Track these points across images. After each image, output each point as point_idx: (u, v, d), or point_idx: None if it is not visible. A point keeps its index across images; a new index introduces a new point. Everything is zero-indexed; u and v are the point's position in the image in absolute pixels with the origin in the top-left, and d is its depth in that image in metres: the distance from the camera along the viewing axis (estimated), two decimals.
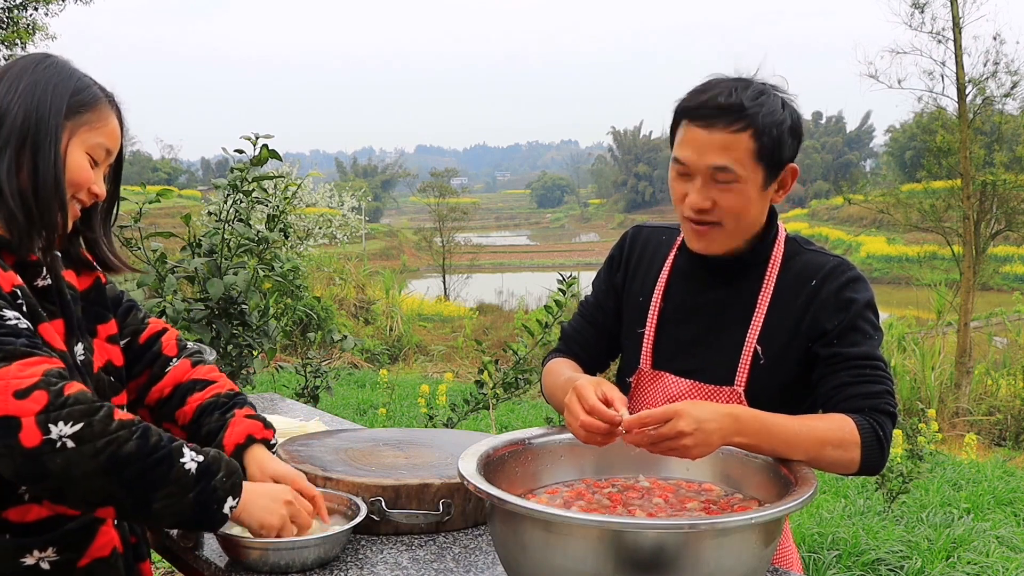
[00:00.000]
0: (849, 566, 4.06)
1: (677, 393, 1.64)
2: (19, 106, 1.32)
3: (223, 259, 3.61)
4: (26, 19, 12.20)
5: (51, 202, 1.33)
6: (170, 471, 1.25)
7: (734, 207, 1.53)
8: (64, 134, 1.34)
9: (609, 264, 1.81)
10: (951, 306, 12.64)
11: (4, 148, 1.31)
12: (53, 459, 1.16)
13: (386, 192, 68.83)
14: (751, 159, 1.50)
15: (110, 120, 1.40)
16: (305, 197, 19.48)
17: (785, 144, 1.52)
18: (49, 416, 1.16)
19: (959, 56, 11.15)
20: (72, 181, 1.36)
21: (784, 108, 1.53)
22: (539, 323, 4.38)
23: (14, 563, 1.28)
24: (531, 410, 8.64)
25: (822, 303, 1.56)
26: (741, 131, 1.48)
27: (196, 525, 1.33)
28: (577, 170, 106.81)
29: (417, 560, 1.47)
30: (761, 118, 1.49)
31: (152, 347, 1.59)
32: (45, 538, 1.31)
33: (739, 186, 1.51)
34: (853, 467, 1.45)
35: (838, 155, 66.97)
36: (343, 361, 11.88)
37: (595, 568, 1.15)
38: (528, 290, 21.41)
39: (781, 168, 1.55)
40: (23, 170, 1.31)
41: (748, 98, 1.49)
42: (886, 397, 1.49)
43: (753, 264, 1.62)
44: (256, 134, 3.62)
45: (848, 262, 1.61)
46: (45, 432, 1.15)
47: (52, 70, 1.37)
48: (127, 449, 1.21)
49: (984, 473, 6.29)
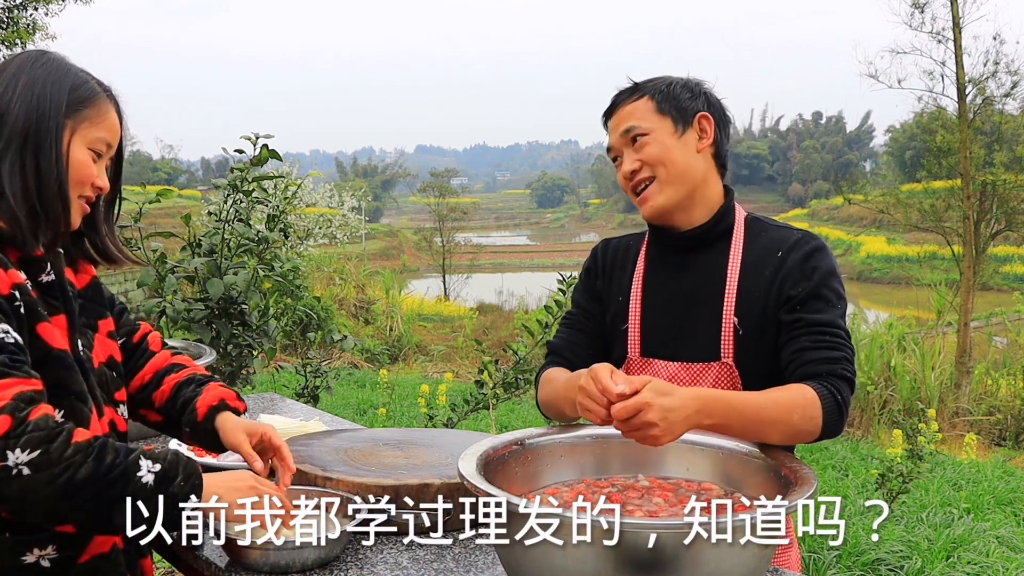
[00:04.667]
0: (849, 566, 4.06)
1: (667, 376, 1.68)
2: (19, 105, 1.31)
3: (223, 259, 3.61)
4: (26, 19, 12.20)
5: (55, 201, 1.33)
6: (127, 487, 1.24)
7: (656, 155, 1.67)
8: (65, 132, 1.34)
9: (587, 274, 1.88)
10: (951, 306, 12.63)
11: (6, 150, 1.30)
12: (9, 485, 1.16)
13: (386, 192, 68.82)
14: (652, 114, 1.68)
15: (109, 114, 1.40)
16: (305, 197, 19.47)
17: (681, 96, 1.68)
18: (8, 443, 1.15)
19: (959, 56, 11.14)
20: (76, 179, 1.36)
21: (681, 78, 1.72)
22: (539, 323, 4.39)
23: (14, 560, 1.29)
24: (531, 410, 8.63)
25: (788, 271, 1.63)
26: (638, 99, 1.70)
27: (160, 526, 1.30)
28: (577, 170, 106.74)
29: (417, 560, 1.47)
30: (651, 84, 1.70)
31: (142, 344, 1.65)
32: (44, 536, 1.31)
33: (650, 137, 1.67)
34: (816, 433, 1.50)
35: (838, 155, 66.89)
36: (343, 361, 11.87)
37: (595, 568, 1.15)
38: (528, 290, 21.39)
39: (690, 116, 1.69)
40: (26, 171, 1.31)
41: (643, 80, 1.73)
42: (843, 363, 1.54)
43: (716, 236, 1.71)
44: (256, 134, 3.63)
45: (812, 234, 1.70)
46: (2, 459, 1.14)
47: (49, 67, 1.36)
48: (82, 474, 1.20)
49: (984, 473, 6.29)
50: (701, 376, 1.66)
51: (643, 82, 1.72)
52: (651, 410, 1.32)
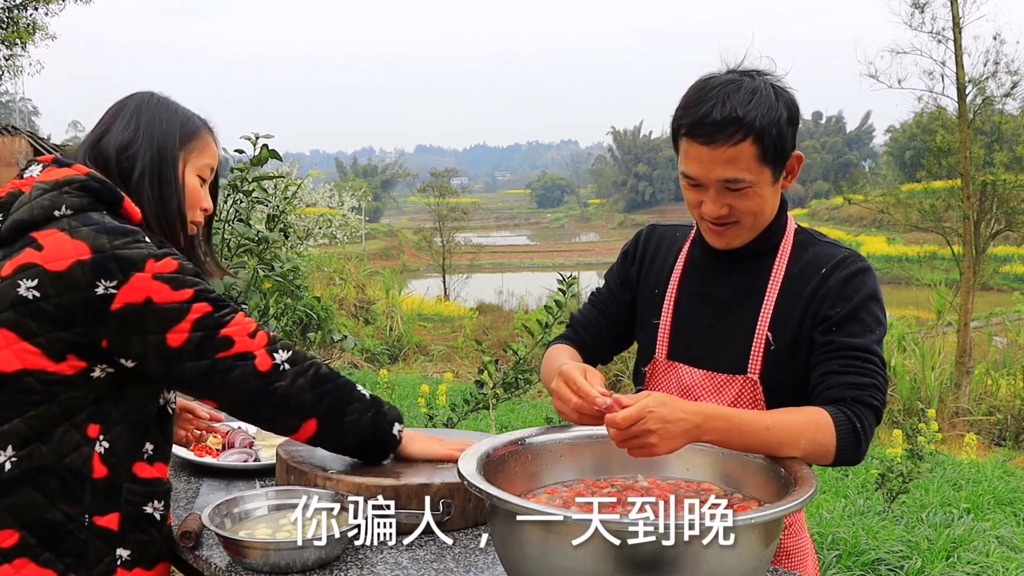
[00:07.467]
0: (849, 566, 4.06)
1: (690, 383, 1.65)
2: (145, 142, 1.55)
3: (223, 259, 3.61)
4: (26, 19, 12.21)
5: (176, 223, 1.57)
6: (353, 391, 1.58)
7: (751, 208, 1.57)
8: (180, 163, 1.58)
9: (623, 258, 1.83)
10: (951, 306, 12.64)
11: (140, 181, 1.54)
12: (281, 377, 1.48)
13: (386, 192, 68.80)
14: (757, 163, 1.52)
15: (211, 143, 1.64)
16: (305, 197, 19.47)
17: (786, 138, 1.54)
18: (274, 346, 1.49)
19: (959, 56, 11.15)
20: (190, 203, 1.59)
21: (778, 100, 1.53)
22: (539, 323, 4.38)
23: (138, 509, 1.50)
24: (531, 410, 8.64)
25: (828, 290, 1.57)
26: (742, 141, 1.49)
27: (373, 443, 1.62)
28: (577, 170, 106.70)
29: (417, 560, 1.47)
30: (759, 121, 1.49)
31: None
32: (157, 491, 1.53)
33: (752, 190, 1.55)
34: (828, 459, 1.46)
35: (838, 155, 66.96)
36: (343, 361, 11.88)
37: (595, 568, 1.15)
38: (528, 290, 21.40)
39: (786, 160, 1.57)
40: (153, 198, 1.54)
41: (741, 104, 1.49)
42: (871, 390, 1.48)
43: (764, 251, 1.64)
44: (256, 134, 3.63)
45: (859, 254, 1.62)
46: (273, 359, 1.48)
47: (163, 105, 1.60)
48: (323, 371, 1.54)
49: (984, 473, 6.29)
50: (724, 388, 1.62)
51: (748, 114, 1.49)
52: (651, 418, 1.31)
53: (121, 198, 1.49)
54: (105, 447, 1.45)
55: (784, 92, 1.55)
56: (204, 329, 1.44)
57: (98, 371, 1.43)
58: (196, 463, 1.95)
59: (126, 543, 1.47)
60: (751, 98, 1.50)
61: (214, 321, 1.45)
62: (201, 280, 1.47)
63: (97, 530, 1.44)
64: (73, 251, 1.40)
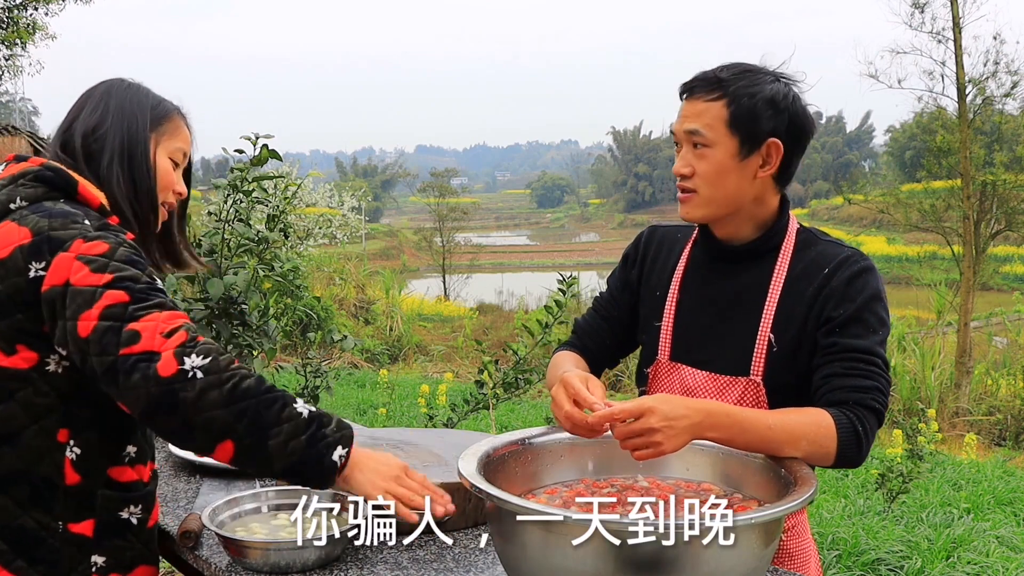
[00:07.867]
0: (849, 566, 4.06)
1: (693, 385, 1.65)
2: (114, 125, 1.52)
3: (223, 259, 3.61)
4: (26, 19, 12.21)
5: (147, 206, 1.54)
6: (283, 410, 1.33)
7: (708, 173, 1.56)
8: (151, 145, 1.54)
9: (624, 262, 1.83)
10: (951, 306, 12.64)
11: (111, 164, 1.50)
12: (186, 388, 1.27)
13: (386, 192, 68.76)
14: (722, 125, 1.54)
15: (183, 127, 1.61)
16: (305, 197, 19.46)
17: (761, 115, 1.53)
18: (186, 350, 1.29)
19: (959, 56, 11.14)
20: (161, 186, 1.55)
21: (771, 85, 1.54)
22: (539, 323, 4.38)
23: (114, 515, 1.46)
24: (531, 410, 8.64)
25: (831, 290, 1.55)
26: (715, 100, 1.54)
27: (305, 472, 1.36)
28: (577, 170, 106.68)
29: (417, 560, 1.47)
30: (735, 88, 1.53)
31: None
32: (135, 496, 1.48)
33: (711, 151, 1.55)
34: (828, 460, 1.46)
35: (838, 155, 66.94)
36: (343, 361, 11.87)
37: (595, 568, 1.15)
38: (528, 290, 21.39)
39: (759, 140, 1.55)
40: (124, 180, 1.51)
41: (730, 72, 1.55)
42: (874, 393, 1.48)
43: (766, 251, 1.63)
44: (256, 134, 3.62)
45: (862, 253, 1.61)
46: (180, 364, 1.28)
47: (132, 90, 1.57)
48: (246, 384, 1.31)
49: (984, 473, 6.29)
50: (727, 390, 1.61)
51: (730, 78, 1.54)
52: (653, 415, 1.31)
53: (75, 184, 1.44)
54: (77, 453, 1.40)
55: (788, 88, 1.56)
56: (111, 319, 1.30)
57: (53, 365, 1.38)
58: (196, 463, 1.95)
59: (101, 550, 1.44)
60: (742, 73, 1.55)
61: (125, 312, 1.31)
62: (135, 268, 1.36)
63: (71, 537, 1.41)
64: (17, 237, 1.36)
